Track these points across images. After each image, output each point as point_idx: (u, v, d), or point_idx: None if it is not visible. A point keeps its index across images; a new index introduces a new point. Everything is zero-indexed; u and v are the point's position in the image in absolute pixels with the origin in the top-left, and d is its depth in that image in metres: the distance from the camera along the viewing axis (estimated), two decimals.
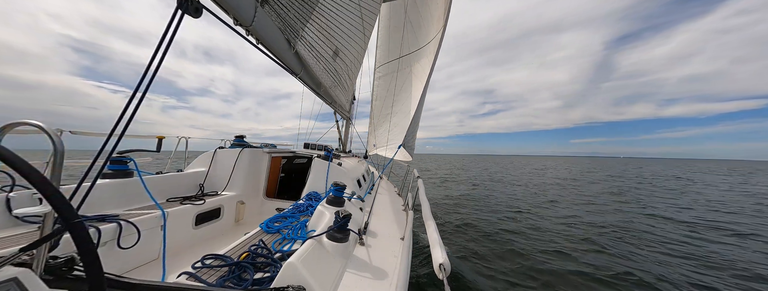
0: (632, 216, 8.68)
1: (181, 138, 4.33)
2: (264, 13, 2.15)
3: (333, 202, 2.37)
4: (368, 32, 4.09)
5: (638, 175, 28.41)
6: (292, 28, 2.60)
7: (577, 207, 10.10)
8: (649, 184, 18.51)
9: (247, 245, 1.88)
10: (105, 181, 2.48)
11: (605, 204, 10.80)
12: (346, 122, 7.61)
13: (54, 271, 0.84)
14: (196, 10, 1.22)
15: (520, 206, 9.94)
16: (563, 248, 5.57)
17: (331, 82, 3.75)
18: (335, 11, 3.08)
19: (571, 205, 10.54)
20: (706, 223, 7.86)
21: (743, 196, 13.28)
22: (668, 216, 8.69)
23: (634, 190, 15.49)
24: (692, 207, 10.42)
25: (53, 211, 0.85)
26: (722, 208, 10.32)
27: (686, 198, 12.61)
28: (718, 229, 7.35)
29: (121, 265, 2.12)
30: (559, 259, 5.08)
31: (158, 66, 1.03)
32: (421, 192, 3.17)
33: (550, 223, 7.62)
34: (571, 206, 10.22)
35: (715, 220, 8.32)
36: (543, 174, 27.52)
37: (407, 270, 1.84)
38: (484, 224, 7.35)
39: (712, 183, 20.25)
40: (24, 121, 0.93)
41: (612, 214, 8.91)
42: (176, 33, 1.07)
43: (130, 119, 1.02)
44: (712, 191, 15.25)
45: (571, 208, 9.79)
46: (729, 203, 11.30)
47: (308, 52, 2.96)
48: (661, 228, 7.36)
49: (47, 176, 0.66)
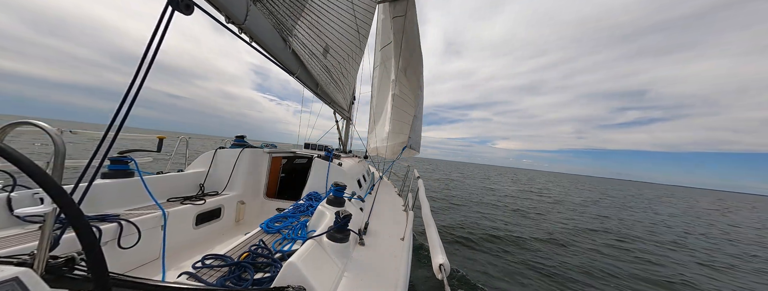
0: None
1: (182, 138, 4.33)
2: (257, 10, 2.12)
3: (333, 203, 2.37)
4: (364, 31, 4.08)
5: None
6: (284, 26, 2.58)
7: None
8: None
9: (248, 245, 1.88)
10: (106, 181, 2.48)
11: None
12: (346, 122, 7.61)
13: (55, 270, 0.84)
14: (187, 6, 1.21)
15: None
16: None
17: (323, 80, 3.75)
18: (325, 8, 3.07)
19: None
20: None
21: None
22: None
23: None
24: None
25: (55, 211, 0.86)
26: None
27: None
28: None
29: (122, 265, 2.12)
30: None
31: (150, 64, 1.03)
32: (421, 192, 3.17)
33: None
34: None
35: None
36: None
37: (407, 270, 1.84)
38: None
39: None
40: (25, 120, 0.94)
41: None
42: (167, 30, 1.07)
43: (125, 117, 1.02)
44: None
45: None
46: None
47: (300, 50, 2.96)
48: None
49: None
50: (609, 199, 26.13)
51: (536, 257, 6.30)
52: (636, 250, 7.88)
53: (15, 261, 0.82)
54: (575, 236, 8.79)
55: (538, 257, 6.32)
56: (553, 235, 8.44)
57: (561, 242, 7.85)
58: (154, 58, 1.03)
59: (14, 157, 0.59)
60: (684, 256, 8.01)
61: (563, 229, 9.75)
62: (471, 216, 10.17)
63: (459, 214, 10.26)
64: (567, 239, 8.22)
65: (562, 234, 8.84)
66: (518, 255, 6.34)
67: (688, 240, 10.34)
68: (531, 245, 7.20)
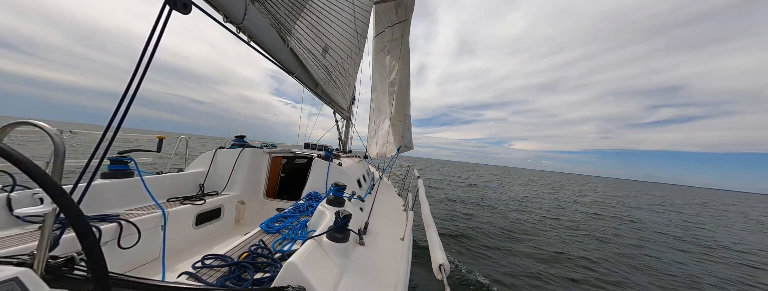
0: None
1: (182, 138, 4.33)
2: (255, 9, 2.11)
3: (333, 202, 2.37)
4: (362, 30, 4.08)
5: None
6: (283, 25, 2.58)
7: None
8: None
9: (248, 245, 1.88)
10: (105, 181, 2.48)
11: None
12: (346, 122, 7.61)
13: (55, 270, 0.84)
14: (185, 5, 1.20)
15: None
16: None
17: (322, 80, 3.75)
18: (325, 9, 3.07)
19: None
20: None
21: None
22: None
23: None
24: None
25: (55, 211, 0.86)
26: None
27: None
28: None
29: (122, 265, 2.12)
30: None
31: (148, 64, 1.02)
32: (421, 192, 3.17)
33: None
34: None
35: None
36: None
37: (407, 270, 1.84)
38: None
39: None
40: (25, 120, 0.93)
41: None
42: (164, 30, 1.07)
43: (124, 117, 1.02)
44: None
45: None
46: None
47: (299, 49, 2.96)
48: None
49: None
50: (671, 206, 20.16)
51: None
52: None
53: (15, 261, 0.82)
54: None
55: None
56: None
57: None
58: (152, 57, 1.03)
59: (14, 158, 0.59)
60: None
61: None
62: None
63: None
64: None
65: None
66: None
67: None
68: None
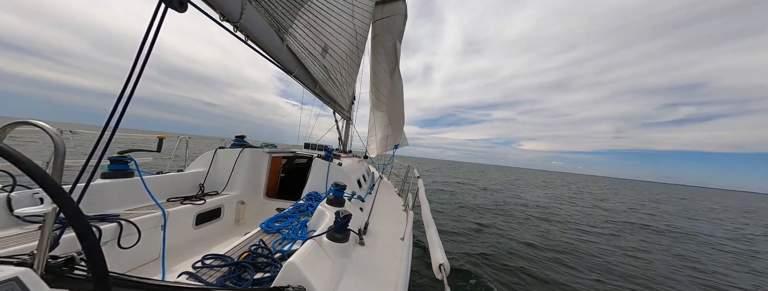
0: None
1: (182, 138, 4.33)
2: (252, 8, 2.11)
3: (333, 202, 2.37)
4: (362, 31, 4.08)
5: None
6: (281, 24, 2.57)
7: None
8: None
9: (248, 245, 1.88)
10: (105, 181, 2.48)
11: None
12: (346, 122, 7.61)
13: (55, 270, 0.84)
14: (181, 4, 1.19)
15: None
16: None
17: (322, 80, 3.75)
18: (325, 9, 3.06)
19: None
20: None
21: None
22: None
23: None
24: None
25: (55, 211, 0.86)
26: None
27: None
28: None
29: (122, 265, 2.12)
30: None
31: (144, 63, 1.02)
32: (421, 192, 3.17)
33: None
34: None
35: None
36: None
37: (407, 270, 1.84)
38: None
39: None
40: (25, 120, 0.93)
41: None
42: (160, 28, 1.06)
43: (121, 116, 1.02)
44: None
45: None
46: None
47: (297, 49, 2.96)
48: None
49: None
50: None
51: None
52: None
53: (15, 261, 0.82)
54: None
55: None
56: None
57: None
58: (149, 56, 1.03)
59: (14, 157, 0.59)
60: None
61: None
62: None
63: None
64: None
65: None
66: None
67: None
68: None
